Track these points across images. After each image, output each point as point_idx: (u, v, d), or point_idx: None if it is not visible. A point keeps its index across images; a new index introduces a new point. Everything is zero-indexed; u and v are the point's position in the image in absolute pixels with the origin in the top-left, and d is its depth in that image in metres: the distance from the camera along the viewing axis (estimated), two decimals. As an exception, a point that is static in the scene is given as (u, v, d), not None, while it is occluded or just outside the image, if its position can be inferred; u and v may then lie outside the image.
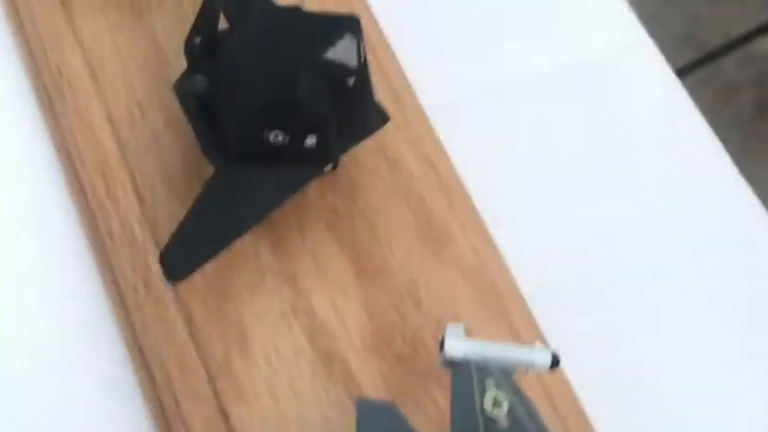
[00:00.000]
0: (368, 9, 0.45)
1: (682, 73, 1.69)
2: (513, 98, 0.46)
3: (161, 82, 0.42)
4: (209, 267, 0.38)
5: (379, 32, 0.44)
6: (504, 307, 0.39)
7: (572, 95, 0.47)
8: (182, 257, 0.34)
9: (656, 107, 0.48)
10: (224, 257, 0.38)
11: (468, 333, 0.37)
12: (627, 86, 0.48)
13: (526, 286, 0.41)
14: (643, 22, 0.51)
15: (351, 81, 0.36)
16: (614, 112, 0.47)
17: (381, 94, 0.43)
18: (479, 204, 0.42)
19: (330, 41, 0.35)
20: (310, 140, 0.36)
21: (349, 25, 0.36)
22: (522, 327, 0.39)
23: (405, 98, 0.43)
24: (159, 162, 0.40)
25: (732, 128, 1.69)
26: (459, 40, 0.48)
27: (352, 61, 0.36)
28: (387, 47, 0.44)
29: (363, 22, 0.42)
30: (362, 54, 0.36)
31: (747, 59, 1.77)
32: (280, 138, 0.36)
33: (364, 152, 0.41)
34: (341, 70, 0.36)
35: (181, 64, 0.41)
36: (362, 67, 0.36)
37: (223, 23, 0.39)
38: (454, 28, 0.48)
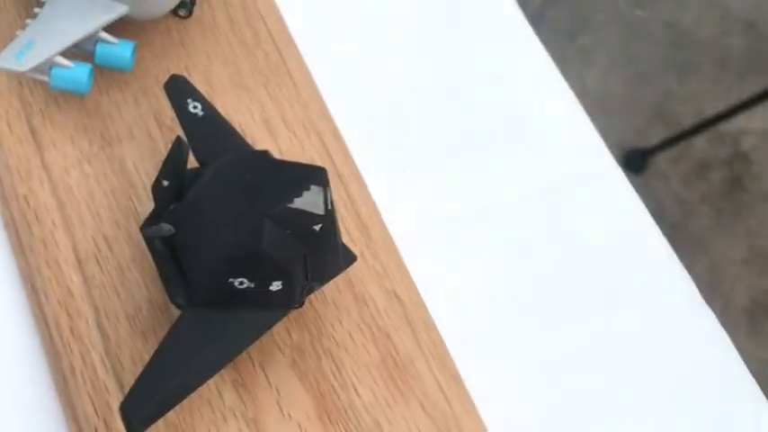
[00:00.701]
0: (337, 135, 0.46)
1: (655, 150, 1.72)
2: (482, 223, 0.47)
3: (129, 215, 0.42)
4: (171, 411, 0.37)
5: (349, 161, 0.45)
6: (469, 450, 0.39)
7: (539, 220, 0.48)
8: (143, 408, 0.34)
9: (623, 232, 0.48)
10: (186, 400, 0.37)
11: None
12: (592, 206, 0.49)
13: (493, 423, 0.41)
14: (615, 99, 0.52)
15: (317, 227, 0.36)
16: (579, 234, 0.48)
17: (351, 225, 0.43)
18: (446, 336, 0.42)
19: (297, 191, 0.36)
20: (275, 285, 0.36)
21: (315, 176, 0.36)
22: (487, 471, 0.39)
23: (373, 231, 0.43)
24: (125, 298, 0.40)
25: (703, 204, 1.71)
26: (428, 166, 0.48)
27: (318, 210, 0.36)
28: (359, 182, 0.44)
29: (335, 154, 0.42)
30: (329, 202, 0.36)
31: (718, 138, 1.79)
32: (245, 284, 0.36)
33: (331, 287, 0.41)
34: (307, 218, 0.36)
35: (149, 196, 0.41)
36: (329, 214, 0.36)
37: (193, 161, 0.40)
38: (424, 154, 0.48)
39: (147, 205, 0.41)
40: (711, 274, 1.61)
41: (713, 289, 1.59)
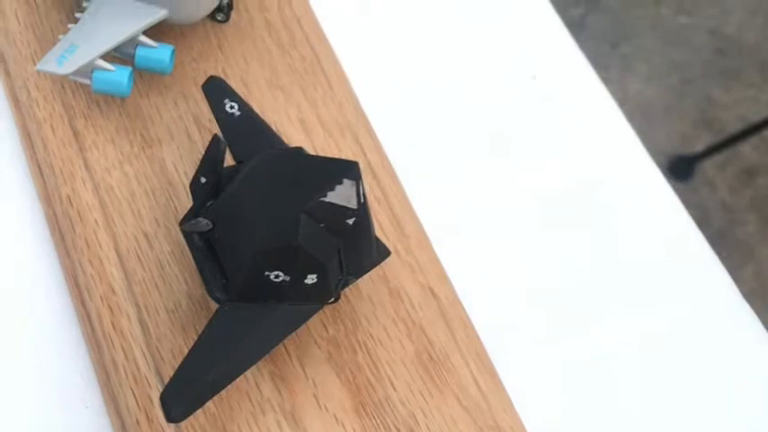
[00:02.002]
0: (371, 134, 0.46)
1: (700, 157, 1.70)
2: (518, 222, 0.47)
3: (169, 212, 0.43)
4: (211, 402, 0.38)
5: (383, 159, 0.45)
6: (505, 442, 0.39)
7: (573, 216, 0.48)
8: (182, 399, 0.35)
9: (661, 232, 0.48)
10: (225, 391, 0.38)
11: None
12: (630, 210, 0.49)
13: (530, 421, 0.41)
14: (658, 107, 0.52)
15: (351, 221, 0.37)
16: (618, 237, 0.48)
17: (384, 220, 0.44)
18: (481, 332, 0.43)
19: (330, 185, 0.36)
20: (311, 279, 0.37)
21: (348, 169, 0.37)
22: (523, 463, 0.39)
23: (407, 226, 0.44)
24: (165, 293, 0.41)
25: (750, 210, 1.69)
26: (461, 161, 0.49)
27: (351, 203, 0.37)
28: (393, 178, 0.45)
29: (369, 152, 0.43)
30: (362, 195, 0.37)
31: (764, 144, 1.77)
32: (281, 277, 0.36)
33: (366, 282, 0.42)
34: (341, 211, 0.37)
35: (189, 194, 0.42)
36: (362, 208, 0.37)
37: (230, 159, 0.40)
38: (458, 152, 0.49)
39: (186, 204, 0.42)
40: (758, 281, 1.59)
41: (759, 296, 1.57)
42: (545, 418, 0.42)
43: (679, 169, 1.71)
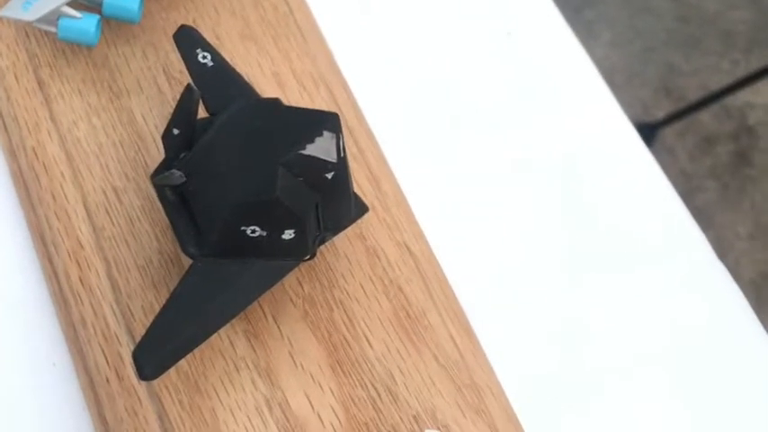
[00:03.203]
0: (346, 89, 0.45)
1: (661, 124, 1.71)
2: (493, 186, 0.46)
3: (138, 166, 0.41)
4: (183, 360, 0.37)
5: (360, 118, 0.44)
6: (483, 401, 0.39)
7: (552, 184, 0.47)
8: (155, 357, 0.34)
9: (638, 197, 0.48)
10: (198, 349, 0.37)
11: (447, 429, 0.37)
12: (607, 175, 0.48)
13: (506, 378, 0.40)
14: (620, 74, 0.52)
15: (330, 175, 0.36)
16: (596, 199, 0.47)
17: (361, 177, 0.43)
18: (459, 294, 0.42)
19: (309, 138, 0.35)
20: (288, 234, 0.36)
21: (328, 121, 0.36)
22: (501, 422, 0.39)
23: (384, 183, 0.43)
24: (135, 249, 0.40)
25: (709, 178, 1.70)
26: (440, 126, 0.48)
27: (330, 157, 0.36)
28: (369, 135, 0.44)
29: (344, 107, 0.42)
30: (341, 149, 0.36)
31: (724, 112, 1.79)
32: (257, 232, 0.35)
33: (343, 239, 0.41)
34: (320, 165, 0.36)
35: (159, 148, 0.41)
36: (341, 162, 0.36)
37: (203, 112, 0.39)
38: (430, 110, 0.48)
39: (157, 157, 0.41)
40: (717, 248, 1.61)
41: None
42: (520, 376, 0.41)
43: (640, 136, 1.72)
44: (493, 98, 0.48)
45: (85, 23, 0.41)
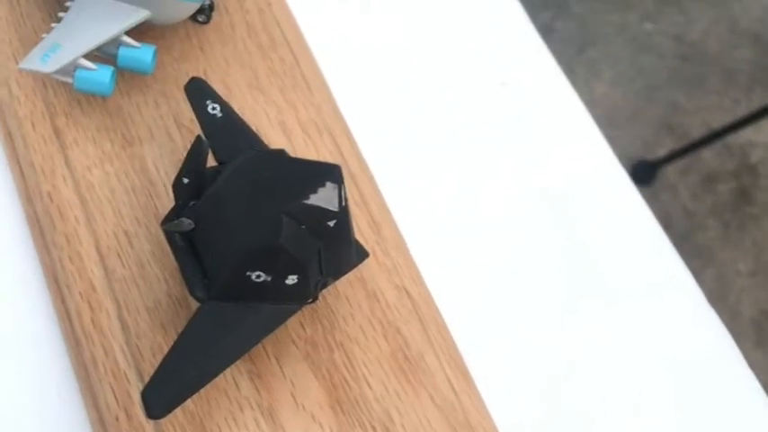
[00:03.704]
0: (349, 137, 0.47)
1: (663, 162, 1.73)
2: (489, 226, 0.48)
3: (149, 211, 0.43)
4: (189, 400, 0.38)
5: (363, 165, 0.46)
6: (477, 441, 0.40)
7: (546, 223, 0.49)
8: (163, 396, 0.35)
9: (628, 234, 0.50)
10: (203, 389, 0.39)
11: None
12: (599, 213, 0.50)
13: (501, 420, 0.42)
14: (622, 112, 0.53)
15: (332, 223, 0.38)
16: (587, 239, 0.49)
17: (363, 223, 0.44)
18: (455, 333, 0.44)
19: (312, 188, 0.37)
20: (291, 280, 0.37)
21: (330, 173, 0.38)
22: (494, 462, 0.40)
23: (384, 229, 0.45)
24: (145, 291, 0.41)
25: (711, 216, 1.72)
26: (436, 165, 0.50)
27: (333, 206, 0.37)
28: (371, 181, 0.46)
29: (347, 154, 0.44)
30: (343, 199, 0.38)
31: (726, 150, 1.80)
32: (262, 277, 0.37)
33: (344, 283, 0.43)
34: (323, 214, 0.37)
35: (169, 194, 0.43)
36: (343, 211, 0.38)
37: (212, 160, 0.41)
38: (430, 154, 0.50)
39: (167, 203, 0.43)
40: (718, 285, 1.62)
41: (720, 300, 1.60)
42: (516, 418, 0.43)
43: (642, 174, 1.73)
44: (490, 138, 0.50)
45: (101, 75, 0.43)
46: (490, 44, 0.54)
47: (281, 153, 0.39)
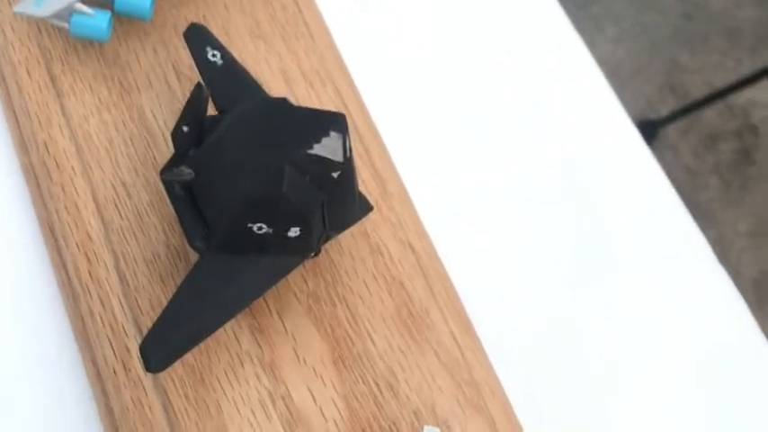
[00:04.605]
0: (353, 88, 0.46)
1: (664, 121, 1.71)
2: (497, 187, 0.47)
3: (147, 161, 0.42)
4: (189, 353, 0.38)
5: (367, 117, 0.45)
6: (482, 398, 0.40)
7: (559, 196, 0.48)
8: (161, 349, 0.34)
9: (644, 210, 0.49)
10: (203, 343, 0.38)
11: (446, 425, 0.38)
12: (613, 188, 0.49)
13: (505, 376, 0.41)
14: (625, 69, 0.52)
15: (336, 175, 0.37)
16: (600, 207, 0.48)
17: (367, 176, 0.43)
18: (460, 289, 0.43)
19: (316, 137, 0.36)
20: (293, 232, 0.36)
21: (335, 122, 0.36)
22: (500, 419, 0.39)
23: (389, 183, 0.44)
24: (143, 243, 0.40)
25: (712, 176, 1.71)
26: (446, 127, 0.48)
27: (337, 156, 0.36)
28: (375, 134, 0.44)
29: (351, 105, 0.43)
30: (348, 149, 0.37)
31: (728, 110, 1.79)
32: (263, 229, 0.36)
33: (347, 237, 0.42)
34: (326, 165, 0.36)
35: (168, 144, 0.42)
36: (348, 162, 0.37)
37: (212, 109, 0.40)
38: (442, 116, 0.49)
39: (166, 153, 0.42)
40: (718, 245, 1.61)
41: (721, 260, 1.60)
42: (520, 373, 0.42)
43: (644, 132, 1.72)
44: (499, 101, 0.49)
45: (97, 20, 0.42)
46: (505, 10, 0.53)
47: (284, 101, 0.38)
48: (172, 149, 0.38)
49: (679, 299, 0.45)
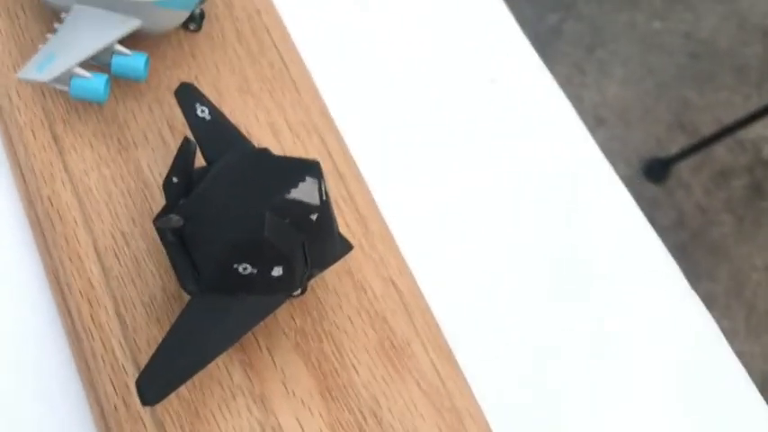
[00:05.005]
0: (338, 137, 0.49)
1: (675, 159, 1.73)
2: (474, 219, 0.50)
3: (144, 212, 0.45)
4: (184, 388, 0.40)
5: (351, 164, 0.48)
6: (462, 423, 0.42)
7: (531, 215, 0.50)
8: (156, 384, 0.37)
9: (613, 226, 0.51)
10: (198, 378, 0.41)
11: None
12: (584, 205, 0.51)
13: (485, 403, 0.43)
14: (634, 111, 0.54)
15: (314, 217, 0.39)
16: (573, 230, 0.50)
17: (350, 219, 0.46)
18: (442, 322, 0.45)
19: (294, 183, 0.39)
20: (277, 271, 0.39)
21: (310, 168, 0.39)
22: (478, 443, 0.42)
23: (371, 223, 0.46)
24: (141, 288, 0.43)
25: (725, 212, 1.72)
26: (423, 162, 0.51)
27: (314, 200, 0.39)
28: (358, 178, 0.47)
29: (335, 153, 0.45)
30: (323, 193, 0.39)
31: (739, 146, 1.80)
32: (248, 270, 0.39)
33: (332, 276, 0.44)
34: (304, 208, 0.39)
35: (162, 195, 0.45)
36: (324, 204, 0.40)
37: (202, 161, 0.43)
38: (418, 151, 0.51)
39: (161, 203, 0.45)
40: (734, 281, 1.62)
41: (736, 296, 1.60)
42: (500, 401, 0.44)
43: (654, 171, 1.74)
44: (476, 139, 0.52)
45: (95, 82, 0.45)
46: (476, 42, 0.56)
47: (264, 151, 0.41)
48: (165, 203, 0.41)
49: (653, 321, 0.47)
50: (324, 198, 0.40)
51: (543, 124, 0.53)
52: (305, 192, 0.39)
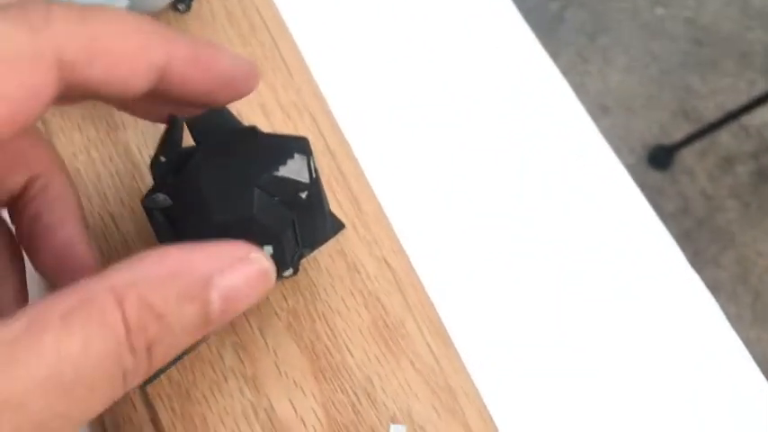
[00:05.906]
0: (329, 116, 0.48)
1: (679, 146, 1.72)
2: (471, 199, 0.49)
3: (133, 193, 0.44)
4: (175, 370, 0.40)
5: (343, 143, 0.47)
6: (458, 402, 0.41)
7: (534, 201, 0.50)
8: (144, 365, 0.37)
9: (618, 211, 0.50)
10: (189, 360, 0.40)
11: (422, 429, 0.39)
12: (589, 192, 0.51)
13: (480, 381, 0.43)
14: (638, 98, 0.54)
15: (304, 195, 0.39)
16: (577, 216, 0.50)
17: (343, 198, 0.46)
18: (437, 303, 0.45)
19: (282, 160, 0.38)
20: (267, 250, 0.39)
21: (299, 145, 0.39)
22: (475, 423, 0.41)
23: (364, 203, 0.46)
24: (130, 270, 0.43)
25: (730, 198, 1.71)
26: (417, 142, 0.51)
27: (303, 177, 0.39)
28: (350, 156, 0.47)
29: (326, 132, 0.45)
30: (313, 170, 0.39)
31: (743, 132, 1.79)
32: (238, 249, 0.38)
33: (325, 256, 0.44)
34: (293, 185, 0.39)
35: (151, 177, 0.44)
36: (314, 182, 0.39)
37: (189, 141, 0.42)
38: (412, 131, 0.51)
39: (150, 184, 0.44)
40: (740, 267, 1.62)
41: (742, 282, 1.60)
42: (495, 380, 0.44)
43: (659, 159, 1.73)
44: (474, 120, 0.51)
45: (83, 64, 0.44)
46: (477, 31, 0.55)
47: (252, 129, 0.41)
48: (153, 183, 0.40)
49: (658, 304, 0.47)
50: (313, 176, 0.39)
51: (547, 113, 0.53)
52: (293, 169, 0.38)
